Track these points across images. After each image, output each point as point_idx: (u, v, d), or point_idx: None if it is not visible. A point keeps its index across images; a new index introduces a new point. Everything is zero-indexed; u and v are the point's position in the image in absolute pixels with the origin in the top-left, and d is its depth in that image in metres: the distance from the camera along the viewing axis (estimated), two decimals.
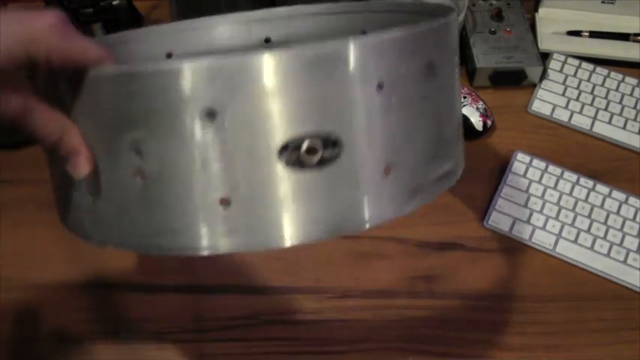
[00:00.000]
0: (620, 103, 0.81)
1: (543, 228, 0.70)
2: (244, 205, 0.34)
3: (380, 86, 0.35)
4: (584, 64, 0.83)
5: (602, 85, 0.82)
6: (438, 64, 0.38)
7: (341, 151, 0.34)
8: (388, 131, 0.36)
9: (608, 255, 0.69)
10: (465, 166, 0.75)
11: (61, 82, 0.36)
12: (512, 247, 0.70)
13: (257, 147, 0.33)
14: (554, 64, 0.83)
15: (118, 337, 0.62)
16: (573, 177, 0.73)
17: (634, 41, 0.85)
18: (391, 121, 0.36)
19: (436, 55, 0.38)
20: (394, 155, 0.36)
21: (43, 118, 0.35)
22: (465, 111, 0.76)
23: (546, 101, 0.81)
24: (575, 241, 0.69)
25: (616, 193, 0.72)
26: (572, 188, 0.73)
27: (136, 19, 0.86)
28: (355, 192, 0.35)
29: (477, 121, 0.76)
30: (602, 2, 0.86)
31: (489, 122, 0.77)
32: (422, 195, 0.38)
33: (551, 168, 0.74)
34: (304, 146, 0.33)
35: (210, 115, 0.33)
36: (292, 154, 0.33)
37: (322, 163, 0.34)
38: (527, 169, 0.74)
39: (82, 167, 0.36)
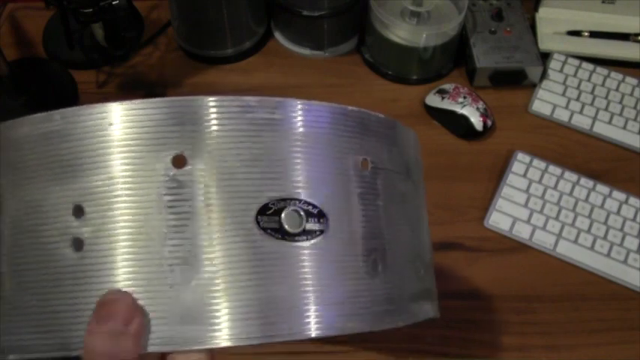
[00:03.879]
0: (620, 103, 0.81)
1: (543, 228, 0.70)
2: (208, 284, 0.28)
3: (365, 164, 0.32)
4: (584, 64, 0.83)
5: (603, 85, 0.82)
6: (414, 171, 0.36)
7: (327, 227, 0.30)
8: (377, 220, 0.32)
9: (608, 255, 0.69)
10: (465, 166, 0.76)
11: None
12: (512, 247, 0.70)
13: (233, 206, 0.28)
14: (554, 64, 0.83)
15: None
16: (573, 177, 0.73)
17: (634, 41, 0.85)
18: (379, 209, 0.32)
19: (412, 161, 0.36)
20: (382, 248, 0.32)
21: None
22: (465, 111, 0.76)
23: (546, 101, 0.81)
24: (575, 241, 0.69)
25: (616, 193, 0.72)
26: (573, 188, 0.73)
27: (136, 19, 0.86)
28: (333, 280, 0.29)
29: (477, 121, 0.76)
30: (602, 2, 0.86)
31: (489, 122, 0.77)
32: (399, 311, 0.32)
33: (551, 168, 0.74)
34: (285, 211, 0.29)
35: (179, 162, 0.28)
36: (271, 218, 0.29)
37: (305, 235, 0.29)
38: (527, 169, 0.74)
39: None
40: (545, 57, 0.83)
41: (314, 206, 0.29)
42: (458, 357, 0.63)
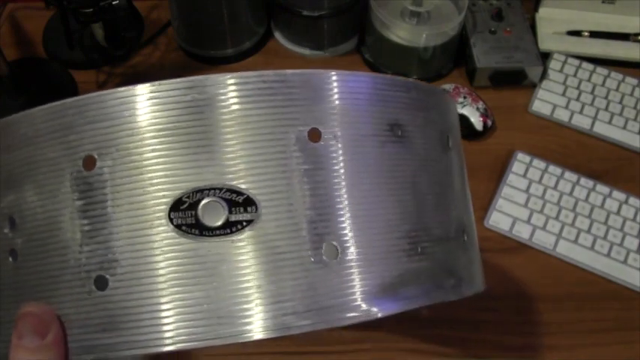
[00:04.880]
0: (620, 103, 0.81)
1: (543, 228, 0.70)
2: (123, 287, 0.26)
3: (315, 133, 0.27)
4: (585, 64, 0.83)
5: (603, 85, 0.82)
6: (410, 128, 0.30)
7: (258, 215, 0.26)
8: (335, 199, 0.27)
9: (608, 255, 0.69)
10: (466, 166, 0.76)
11: None
12: (512, 247, 0.70)
13: (143, 204, 0.26)
14: (554, 64, 0.83)
15: None
16: (573, 177, 0.73)
17: (634, 41, 0.85)
18: (337, 185, 0.27)
19: (406, 117, 0.30)
20: (343, 231, 0.27)
21: None
22: (465, 111, 0.76)
23: (546, 101, 0.81)
24: (575, 241, 0.69)
25: (616, 193, 0.72)
26: (573, 188, 0.73)
27: (136, 19, 0.86)
28: (272, 274, 0.26)
29: (477, 121, 0.76)
30: (602, 2, 0.86)
31: (489, 122, 0.77)
32: (393, 298, 0.28)
33: (551, 168, 0.74)
34: (202, 204, 0.26)
35: (89, 164, 0.27)
36: (187, 213, 0.26)
37: (228, 227, 0.26)
38: (527, 169, 0.74)
39: None
40: (545, 57, 0.83)
41: (239, 194, 0.26)
42: (458, 357, 0.63)
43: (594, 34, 0.85)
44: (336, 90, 0.28)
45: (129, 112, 0.26)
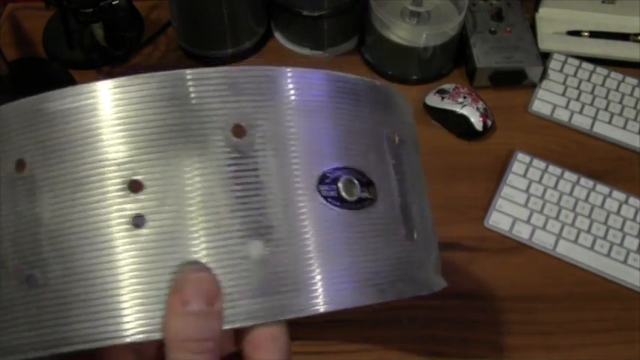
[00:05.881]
0: (620, 103, 0.81)
1: (543, 228, 0.70)
2: (280, 253, 0.27)
3: (392, 136, 0.32)
4: (584, 64, 0.83)
5: (602, 85, 0.82)
6: (416, 141, 0.37)
7: (376, 195, 0.30)
8: (407, 190, 0.33)
9: (608, 255, 0.69)
10: (465, 166, 0.76)
11: None
12: (512, 247, 0.70)
13: (295, 172, 0.28)
14: (554, 64, 0.83)
15: None
16: (573, 177, 0.73)
17: (634, 41, 0.85)
18: (407, 179, 0.33)
19: (414, 130, 0.37)
20: (414, 217, 0.33)
21: None
22: (465, 111, 0.76)
23: (546, 101, 0.81)
24: (575, 241, 0.69)
25: (616, 193, 0.72)
26: (573, 188, 0.73)
27: (136, 19, 0.86)
28: (388, 246, 0.30)
29: (477, 121, 0.76)
30: (602, 2, 0.86)
31: (489, 122, 0.77)
32: (429, 279, 0.33)
33: (551, 168, 0.74)
34: (342, 180, 0.29)
35: (239, 132, 0.28)
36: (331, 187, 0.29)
37: (359, 203, 0.30)
38: (527, 169, 0.74)
39: None
40: (545, 57, 0.83)
41: (363, 175, 0.30)
42: (458, 357, 0.63)
43: (594, 34, 0.85)
44: (397, 102, 0.34)
45: (293, 92, 0.29)
